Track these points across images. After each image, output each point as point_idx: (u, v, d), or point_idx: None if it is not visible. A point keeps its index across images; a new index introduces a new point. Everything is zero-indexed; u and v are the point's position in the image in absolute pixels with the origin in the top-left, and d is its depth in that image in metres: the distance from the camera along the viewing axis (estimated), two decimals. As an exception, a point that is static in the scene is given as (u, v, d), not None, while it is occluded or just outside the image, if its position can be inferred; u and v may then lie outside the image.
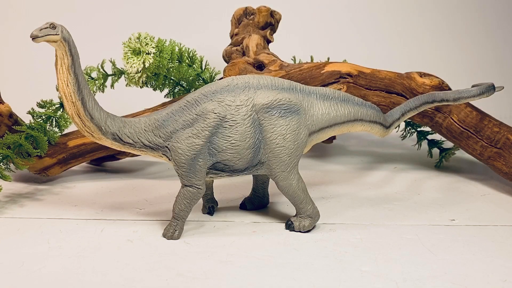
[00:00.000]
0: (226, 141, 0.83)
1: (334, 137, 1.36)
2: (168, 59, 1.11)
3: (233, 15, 1.31)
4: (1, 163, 1.01)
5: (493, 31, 1.80)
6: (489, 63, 1.77)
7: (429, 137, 1.28)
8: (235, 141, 0.83)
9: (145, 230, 0.88)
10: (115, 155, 1.19)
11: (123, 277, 0.73)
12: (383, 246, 0.84)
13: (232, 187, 1.09)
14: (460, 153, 1.26)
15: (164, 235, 0.86)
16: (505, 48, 1.80)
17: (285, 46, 1.29)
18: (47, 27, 0.74)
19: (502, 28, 1.80)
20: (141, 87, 1.14)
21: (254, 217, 0.95)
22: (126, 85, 1.15)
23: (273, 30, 1.29)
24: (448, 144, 1.26)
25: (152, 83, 1.16)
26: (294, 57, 1.35)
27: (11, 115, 1.04)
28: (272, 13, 1.28)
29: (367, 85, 1.09)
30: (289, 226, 0.89)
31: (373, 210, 0.98)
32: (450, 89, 1.09)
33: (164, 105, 1.13)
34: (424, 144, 1.31)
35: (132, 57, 1.06)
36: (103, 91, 1.16)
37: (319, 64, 1.11)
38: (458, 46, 1.79)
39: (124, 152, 1.15)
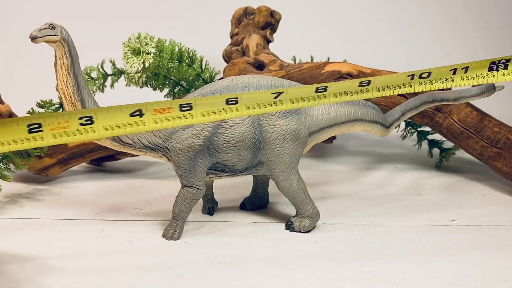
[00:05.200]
0: (226, 142, 0.83)
1: (334, 137, 1.36)
2: (168, 59, 1.11)
3: (233, 15, 1.31)
4: (1, 163, 1.01)
5: (493, 31, 1.80)
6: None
7: (429, 137, 1.28)
8: (235, 142, 0.83)
9: (145, 231, 0.88)
10: (115, 155, 1.19)
11: (123, 278, 0.73)
12: (383, 246, 0.83)
13: (232, 187, 1.09)
14: (460, 153, 1.26)
15: (164, 236, 0.86)
16: (505, 48, 1.80)
17: (285, 46, 1.29)
18: (46, 28, 0.73)
19: (502, 27, 1.80)
20: (141, 87, 1.14)
21: (254, 217, 0.95)
22: (126, 85, 1.15)
23: (273, 30, 1.29)
24: (448, 144, 1.26)
25: (152, 83, 1.16)
26: (294, 57, 1.35)
27: (11, 115, 1.04)
28: (272, 13, 1.28)
29: (367, 85, 1.09)
30: (289, 227, 0.89)
31: (373, 210, 0.98)
32: (450, 88, 1.09)
33: (164, 105, 1.13)
34: (425, 144, 1.31)
35: (132, 57, 1.06)
36: (103, 91, 1.16)
37: (319, 64, 1.11)
38: (458, 46, 1.79)
39: (123, 152, 1.15)
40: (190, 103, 0.71)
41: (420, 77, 0.77)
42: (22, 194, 1.04)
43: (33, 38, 0.73)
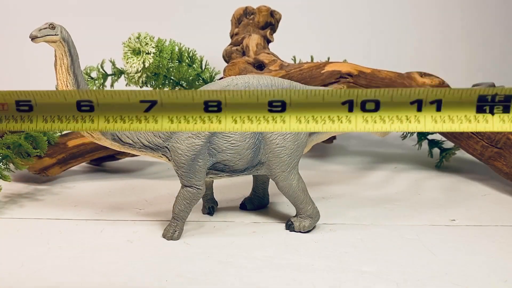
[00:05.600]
0: (226, 141, 0.83)
1: (334, 137, 1.36)
2: (168, 59, 1.11)
3: (233, 15, 1.31)
4: (1, 163, 1.01)
5: (493, 31, 1.80)
6: (489, 63, 1.77)
7: (430, 137, 1.28)
8: (235, 141, 0.83)
9: (145, 231, 0.88)
10: (115, 155, 1.19)
11: (123, 277, 0.73)
12: (383, 246, 0.83)
13: (232, 187, 1.08)
14: (461, 153, 1.26)
15: (164, 236, 0.86)
16: (505, 48, 1.80)
17: (285, 46, 1.29)
18: (47, 28, 0.74)
19: (502, 27, 1.80)
20: (141, 87, 1.14)
21: (254, 217, 0.95)
22: (126, 85, 1.15)
23: (273, 30, 1.29)
24: (449, 144, 1.26)
25: (152, 83, 1.16)
26: (294, 57, 1.35)
27: (11, 115, 1.04)
28: (272, 13, 1.28)
29: (367, 85, 1.09)
30: (289, 227, 0.89)
31: (373, 210, 0.98)
32: (450, 89, 1.09)
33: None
34: (425, 144, 1.31)
35: (132, 57, 1.06)
36: (103, 91, 1.16)
37: (319, 64, 1.11)
38: (458, 46, 1.79)
39: (123, 152, 1.15)
40: (29, 101, 0.52)
41: (364, 108, 0.52)
42: (22, 194, 1.04)
43: (33, 38, 0.73)
